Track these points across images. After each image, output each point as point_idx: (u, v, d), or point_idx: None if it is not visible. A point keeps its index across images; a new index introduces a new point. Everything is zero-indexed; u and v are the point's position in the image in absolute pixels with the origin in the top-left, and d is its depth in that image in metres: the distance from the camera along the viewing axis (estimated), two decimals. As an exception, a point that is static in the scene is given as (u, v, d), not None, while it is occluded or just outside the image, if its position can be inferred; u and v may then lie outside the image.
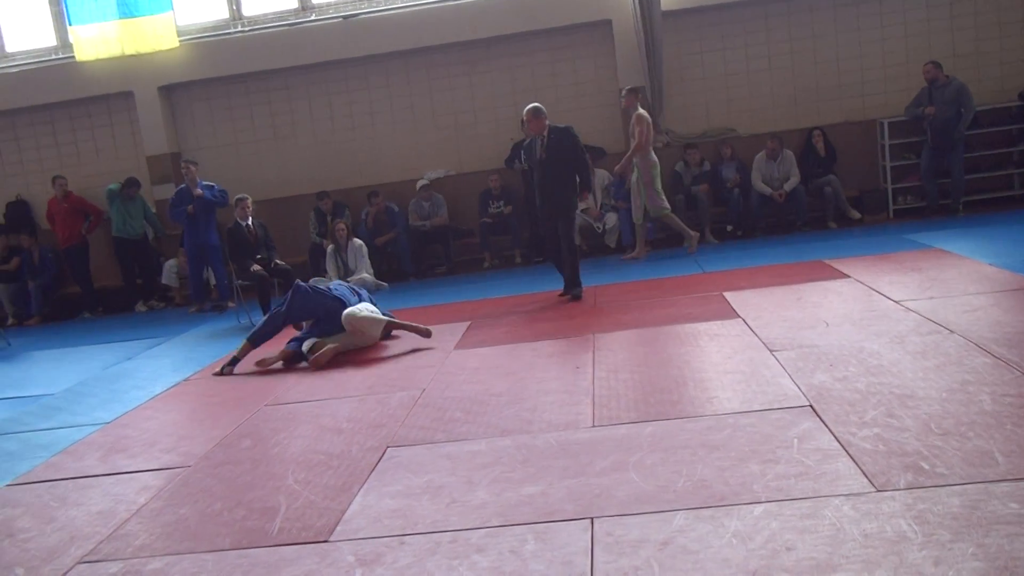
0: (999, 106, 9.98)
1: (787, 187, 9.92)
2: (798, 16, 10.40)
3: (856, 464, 3.37)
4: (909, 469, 3.27)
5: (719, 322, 5.98)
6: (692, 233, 9.36)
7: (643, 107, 9.27)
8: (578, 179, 7.54)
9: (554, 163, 7.50)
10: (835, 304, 6.12)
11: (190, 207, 9.39)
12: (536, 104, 7.70)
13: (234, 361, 6.50)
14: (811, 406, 4.09)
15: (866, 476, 3.25)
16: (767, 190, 9.97)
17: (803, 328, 5.55)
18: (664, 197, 9.22)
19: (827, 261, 7.69)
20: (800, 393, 4.29)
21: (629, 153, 9.14)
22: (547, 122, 7.56)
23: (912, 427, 3.67)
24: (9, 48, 11.25)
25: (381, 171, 10.85)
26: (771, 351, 5.10)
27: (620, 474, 3.58)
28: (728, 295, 6.80)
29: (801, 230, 9.92)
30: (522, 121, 9.69)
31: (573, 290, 7.66)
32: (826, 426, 3.81)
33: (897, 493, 3.09)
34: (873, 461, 3.37)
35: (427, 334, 6.57)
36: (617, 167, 9.37)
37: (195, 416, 5.56)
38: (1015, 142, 9.99)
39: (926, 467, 3.27)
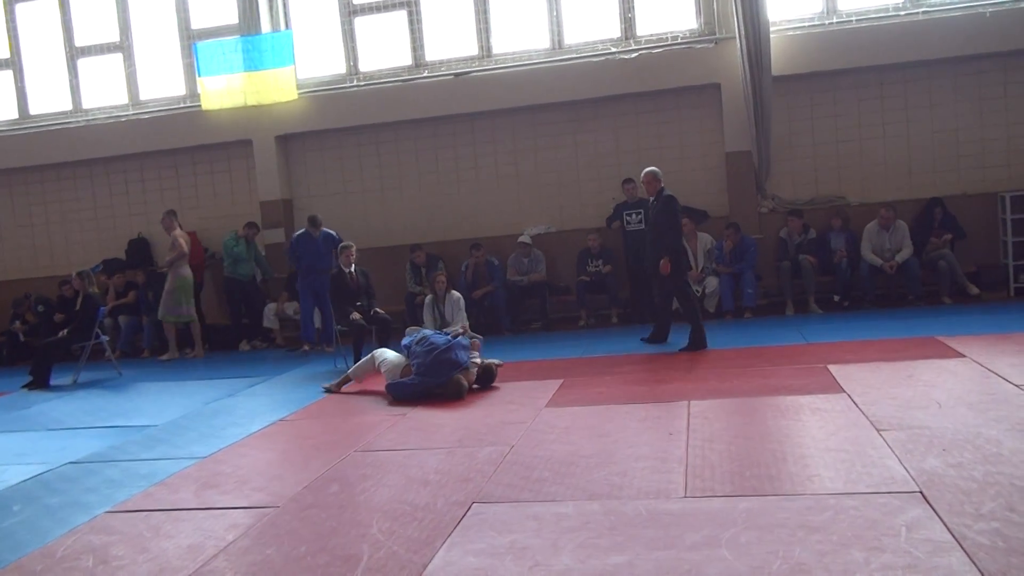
0: None
1: (899, 258, 9.55)
2: (915, 84, 10.11)
3: (971, 560, 3.12)
4: (1032, 570, 3.01)
5: (822, 396, 5.73)
6: (176, 352, 10.52)
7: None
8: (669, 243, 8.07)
9: (657, 226, 8.12)
10: (949, 384, 5.79)
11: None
12: (654, 168, 8.34)
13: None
14: (921, 492, 3.83)
15: (982, 574, 3.01)
16: (877, 261, 9.61)
17: (913, 408, 5.26)
18: (184, 308, 10.32)
19: (941, 338, 7.31)
20: (909, 478, 4.03)
21: (169, 260, 10.35)
22: (661, 186, 8.20)
23: (1035, 524, 3.39)
24: (143, 96, 11.99)
25: (482, 225, 10.98)
26: (878, 430, 4.84)
27: (712, 550, 3.42)
28: (832, 368, 6.52)
29: (913, 304, 9.49)
30: (623, 182, 9.93)
31: (696, 339, 7.97)
32: (938, 515, 3.56)
33: (1018, 596, 2.85)
34: (991, 558, 3.12)
35: None
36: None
37: (287, 457, 5.64)
38: None
39: (1052, 570, 3.00)
